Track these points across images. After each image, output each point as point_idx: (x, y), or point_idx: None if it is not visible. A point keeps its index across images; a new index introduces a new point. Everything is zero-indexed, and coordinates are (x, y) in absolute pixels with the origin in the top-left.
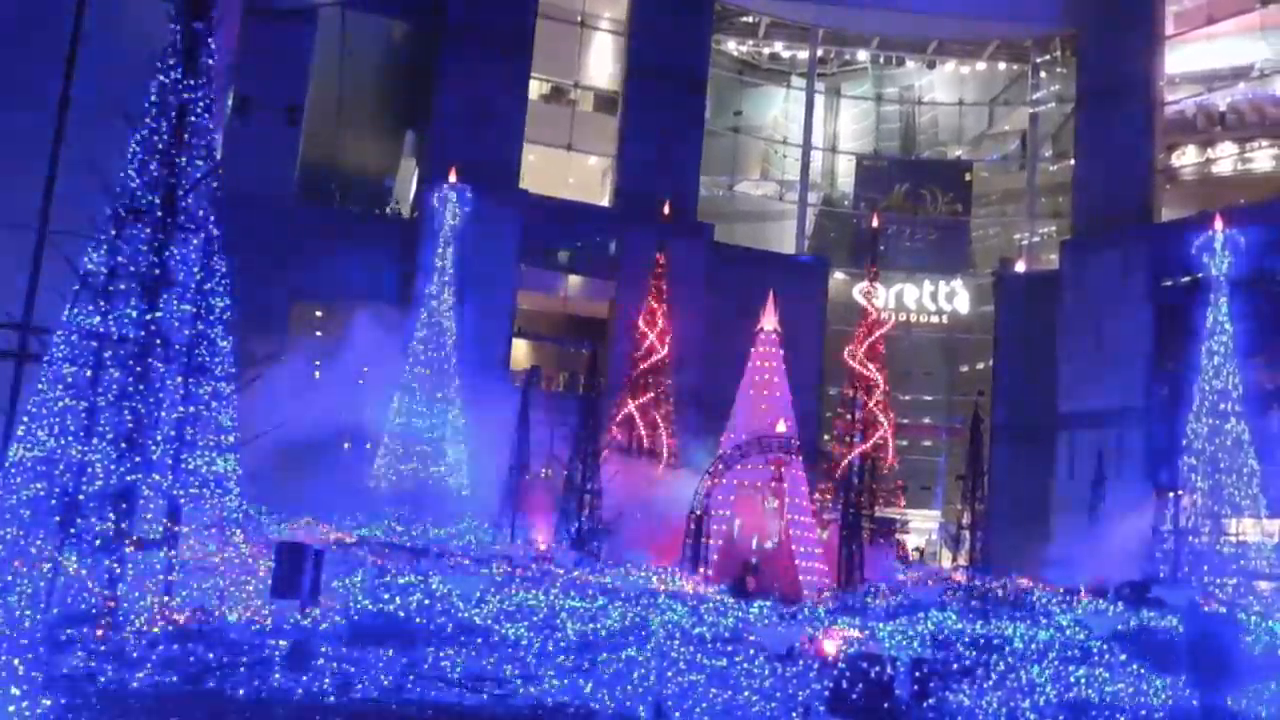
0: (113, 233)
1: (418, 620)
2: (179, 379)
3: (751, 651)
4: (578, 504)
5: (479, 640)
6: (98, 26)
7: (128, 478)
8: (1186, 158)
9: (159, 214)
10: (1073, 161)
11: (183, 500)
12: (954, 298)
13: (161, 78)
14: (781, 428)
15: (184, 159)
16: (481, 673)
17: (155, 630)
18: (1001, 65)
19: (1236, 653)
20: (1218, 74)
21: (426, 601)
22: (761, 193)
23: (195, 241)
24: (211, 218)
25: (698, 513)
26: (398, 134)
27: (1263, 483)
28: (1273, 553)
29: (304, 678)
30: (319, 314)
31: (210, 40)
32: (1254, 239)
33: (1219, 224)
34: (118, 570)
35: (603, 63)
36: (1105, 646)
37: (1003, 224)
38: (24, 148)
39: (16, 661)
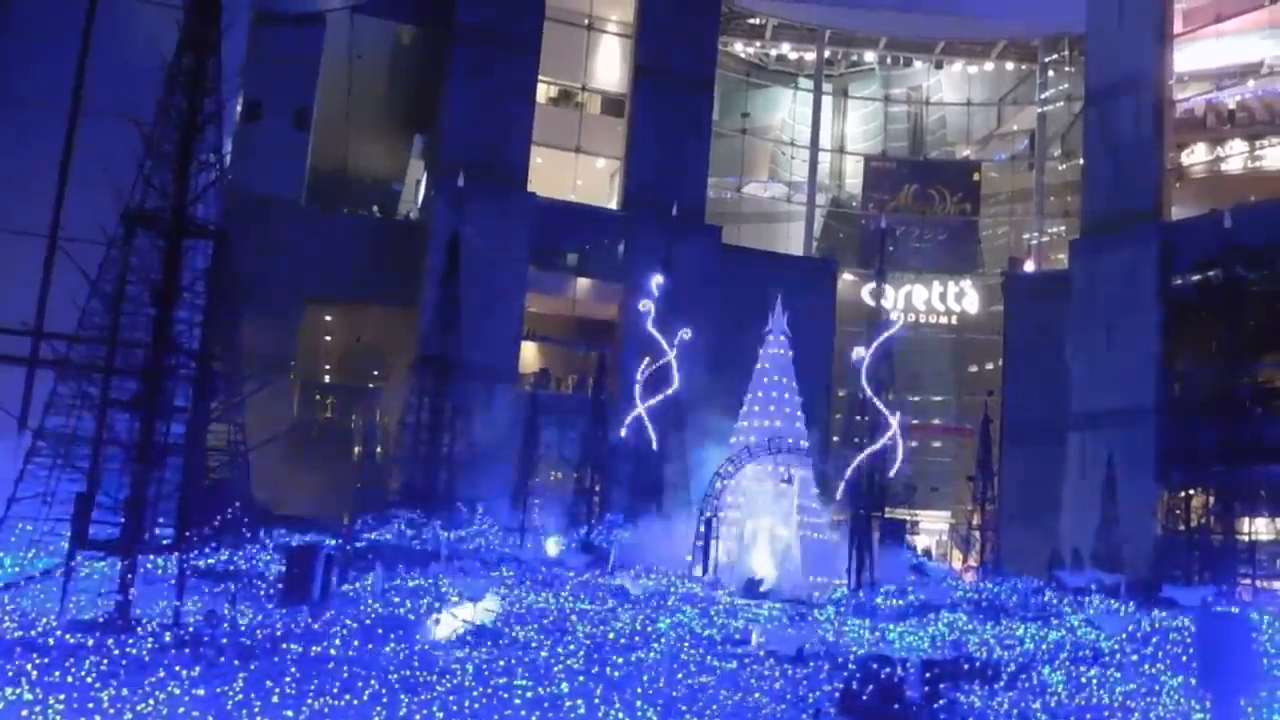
0: (123, 239)
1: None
2: (190, 384)
3: (761, 654)
4: (587, 507)
5: (488, 643)
6: (107, 35)
7: (139, 483)
8: (1196, 156)
9: (169, 220)
10: (1081, 160)
11: (196, 504)
12: (963, 298)
13: (171, 84)
14: (791, 429)
15: (194, 165)
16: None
17: (167, 636)
18: (1009, 65)
19: (1249, 653)
20: (1227, 71)
21: (438, 605)
22: (769, 194)
23: (206, 246)
24: (221, 223)
25: (708, 514)
26: (406, 137)
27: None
28: None
29: (314, 681)
30: (329, 317)
31: (219, 46)
32: (1264, 237)
33: (1229, 222)
34: (129, 575)
35: (610, 65)
36: (1117, 647)
37: (1011, 223)
38: (35, 156)
39: (30, 666)
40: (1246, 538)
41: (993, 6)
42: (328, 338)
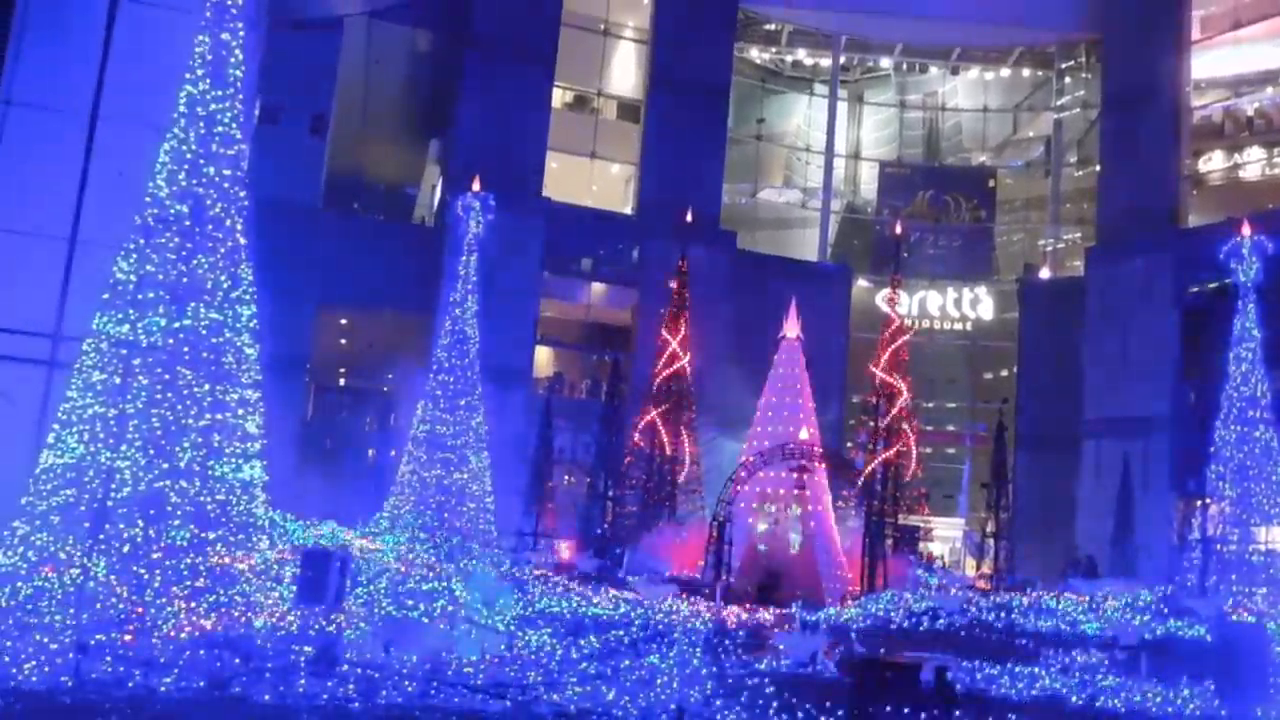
0: (141, 242)
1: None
2: (206, 386)
3: (773, 658)
4: (600, 511)
5: (502, 646)
6: (127, 40)
7: (156, 484)
8: (1213, 163)
9: (187, 223)
10: (1098, 167)
11: (210, 507)
12: (978, 304)
13: (190, 89)
14: (804, 435)
15: (212, 169)
16: (504, 679)
17: (182, 636)
18: (1025, 71)
19: (1266, 663)
20: (1245, 78)
21: (450, 608)
22: (784, 200)
23: (222, 250)
24: (238, 226)
25: (721, 519)
26: (422, 142)
27: None
28: None
29: (329, 684)
30: (343, 321)
31: (238, 51)
32: None
33: (1247, 229)
34: (145, 576)
35: (626, 71)
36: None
37: (1027, 230)
38: (54, 160)
39: (47, 668)
40: (1263, 546)
41: (1009, 12)
42: (342, 341)
